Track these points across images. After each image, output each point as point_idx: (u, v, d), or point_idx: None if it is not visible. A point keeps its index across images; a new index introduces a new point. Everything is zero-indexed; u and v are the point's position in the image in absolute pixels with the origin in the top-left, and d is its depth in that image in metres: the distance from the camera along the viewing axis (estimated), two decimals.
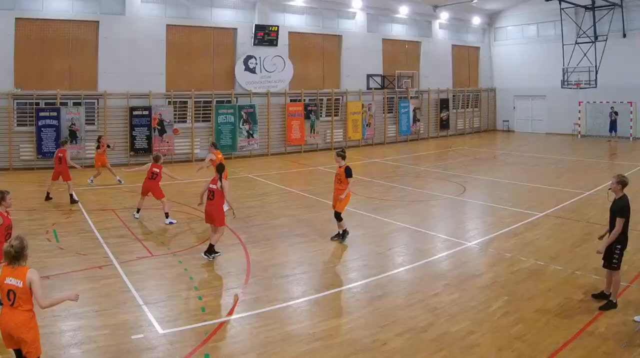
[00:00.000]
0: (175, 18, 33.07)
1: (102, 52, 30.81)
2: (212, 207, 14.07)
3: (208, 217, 14.22)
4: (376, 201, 21.25)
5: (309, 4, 37.99)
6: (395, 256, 14.60)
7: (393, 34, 43.09)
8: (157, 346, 9.25)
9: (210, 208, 14.08)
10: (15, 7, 28.50)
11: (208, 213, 14.17)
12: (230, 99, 34.95)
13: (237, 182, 25.85)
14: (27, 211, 18.47)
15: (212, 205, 14.05)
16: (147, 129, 31.67)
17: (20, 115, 29.14)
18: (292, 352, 9.10)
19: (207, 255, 13.95)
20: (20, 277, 7.32)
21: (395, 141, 42.78)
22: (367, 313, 10.65)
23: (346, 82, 40.02)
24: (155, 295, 11.52)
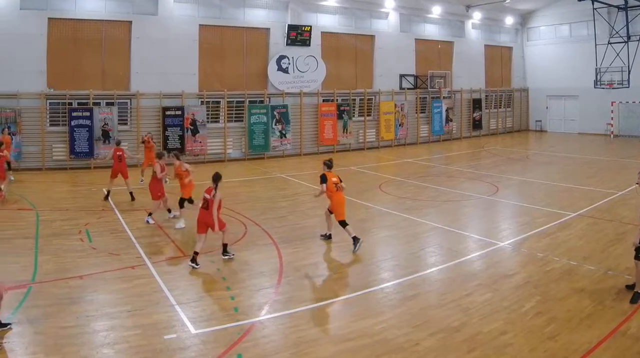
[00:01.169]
0: (208, 18, 31.59)
1: (134, 52, 29.45)
2: (206, 215, 13.26)
3: (202, 226, 13.31)
4: (409, 201, 20.37)
5: (342, 4, 36.25)
6: (427, 256, 14.01)
7: (426, 34, 41.14)
8: (189, 346, 8.97)
9: (205, 216, 13.28)
10: (48, 7, 27.23)
11: (202, 222, 13.31)
12: (263, 98, 33.41)
13: (269, 181, 25.26)
14: (60, 211, 17.62)
15: (207, 214, 13.25)
16: (179, 129, 30.25)
17: (53, 116, 27.90)
18: (324, 352, 8.78)
19: (225, 254, 13.73)
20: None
21: (427, 141, 40.92)
22: (400, 313, 10.26)
23: (379, 82, 38.20)
24: (187, 295, 11.17)
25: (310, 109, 35.14)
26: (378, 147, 37.82)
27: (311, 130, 35.21)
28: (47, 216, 17.52)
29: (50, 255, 13.38)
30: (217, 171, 13.75)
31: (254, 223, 17.01)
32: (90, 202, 20.01)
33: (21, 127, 26.71)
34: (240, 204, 19.72)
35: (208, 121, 31.30)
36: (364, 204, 19.82)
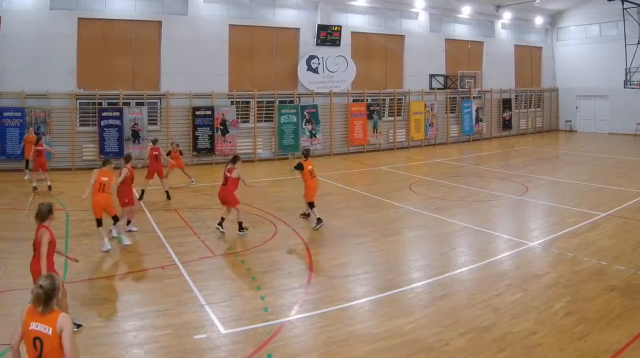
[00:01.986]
0: (238, 18, 30.25)
1: (164, 52, 28.24)
2: (224, 192, 15.03)
3: (222, 201, 15.23)
4: (438, 201, 19.64)
5: (372, 4, 34.65)
6: (457, 256, 13.55)
7: (456, 34, 39.29)
8: (219, 346, 8.72)
9: (223, 194, 15.08)
10: (78, 7, 26.13)
11: (221, 199, 15.23)
12: (293, 98, 31.99)
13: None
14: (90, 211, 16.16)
15: (225, 190, 14.99)
16: (209, 129, 28.98)
17: (83, 115, 26.81)
18: (354, 352, 8.51)
19: (241, 231, 15.06)
20: (50, 324, 5.57)
21: (457, 141, 39.11)
22: (430, 313, 9.94)
23: (409, 82, 36.51)
24: (217, 295, 10.83)
25: (340, 109, 33.64)
26: (408, 147, 36.21)
27: (341, 130, 33.71)
28: (76, 216, 16.85)
29: (80, 255, 12.56)
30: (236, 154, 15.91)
31: (284, 223, 16.42)
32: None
33: (51, 127, 25.65)
34: (270, 204, 19.07)
35: (238, 121, 30.00)
36: (394, 204, 19.02)
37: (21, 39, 24.90)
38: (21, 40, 24.91)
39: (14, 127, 24.92)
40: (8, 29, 24.82)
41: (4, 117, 24.79)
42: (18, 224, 15.80)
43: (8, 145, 24.88)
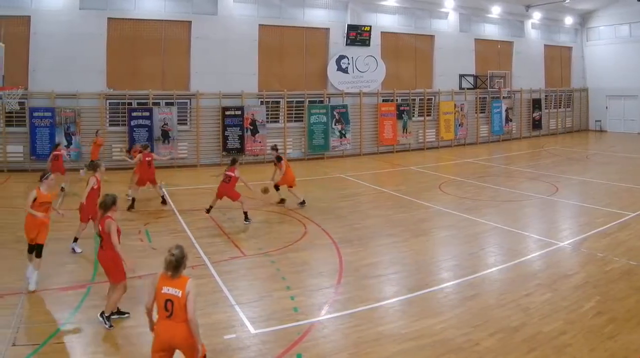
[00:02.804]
0: (268, 18, 28.77)
1: (194, 52, 26.88)
2: (226, 188, 15.64)
3: (222, 195, 15.71)
4: (468, 201, 18.88)
5: (402, 4, 32.90)
6: (487, 256, 13.06)
7: (485, 33, 37.27)
8: (249, 346, 8.42)
9: (224, 189, 15.65)
10: (108, 7, 24.91)
11: (222, 192, 15.69)
12: (323, 98, 30.39)
13: (329, 182, 23.27)
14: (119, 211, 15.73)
15: (228, 187, 15.63)
16: (239, 129, 27.55)
17: (113, 115, 25.58)
18: (384, 352, 8.20)
19: (246, 221, 15.59)
20: (180, 287, 6.39)
21: (487, 141, 37.09)
22: (460, 313, 9.58)
23: (438, 82, 34.65)
24: (247, 295, 10.45)
25: (369, 109, 31.96)
26: (438, 147, 34.40)
27: (371, 130, 32.04)
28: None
29: None
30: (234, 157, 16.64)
31: (314, 223, 15.74)
32: (149, 202, 18.39)
33: (80, 127, 24.42)
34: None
35: (268, 121, 28.55)
36: (423, 204, 18.31)
37: (51, 39, 23.76)
38: (51, 40, 23.76)
39: (44, 127, 23.76)
40: (38, 29, 23.72)
41: (34, 117, 23.64)
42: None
43: (38, 145, 23.72)
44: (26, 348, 8.01)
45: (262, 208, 17.74)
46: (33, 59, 23.73)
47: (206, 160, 26.61)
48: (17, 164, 23.79)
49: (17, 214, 14.98)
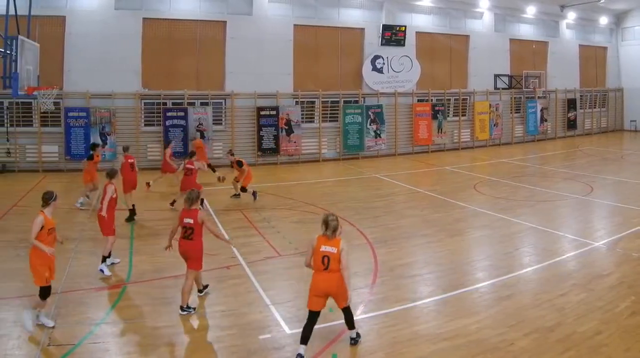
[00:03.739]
0: (303, 18, 26.80)
1: (229, 52, 25.06)
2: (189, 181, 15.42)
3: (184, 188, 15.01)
4: (503, 201, 17.71)
5: (437, 4, 30.56)
6: (522, 256, 12.30)
7: (520, 33, 34.59)
8: (284, 346, 7.87)
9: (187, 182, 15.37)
10: (143, 7, 23.26)
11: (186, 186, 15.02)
12: (358, 98, 28.30)
13: (364, 181, 21.82)
14: (155, 211, 15.52)
15: (189, 180, 15.47)
16: (274, 129, 25.67)
17: (148, 115, 23.89)
18: (419, 352, 7.65)
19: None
20: (336, 245, 7.39)
21: (522, 141, 34.45)
22: (495, 313, 8.98)
23: (473, 82, 32.18)
24: (282, 295, 9.90)
25: (404, 109, 29.72)
26: (473, 147, 31.97)
27: (406, 130, 29.79)
28: (141, 216, 15.28)
29: (145, 255, 11.88)
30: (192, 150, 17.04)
31: (349, 223, 14.56)
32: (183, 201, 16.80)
33: (116, 127, 22.81)
34: (335, 204, 17.01)
35: (303, 121, 26.60)
36: (458, 204, 17.20)
37: (86, 39, 22.18)
38: (86, 40, 22.19)
39: (79, 127, 22.20)
40: (73, 29, 22.18)
41: (69, 117, 22.09)
42: (82, 224, 14.36)
43: (73, 145, 22.17)
44: (61, 348, 7.53)
45: (298, 208, 16.55)
46: (68, 59, 22.21)
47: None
48: (52, 164, 22.26)
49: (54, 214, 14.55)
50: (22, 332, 7.96)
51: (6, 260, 11.26)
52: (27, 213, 14.84)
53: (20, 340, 7.75)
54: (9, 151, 21.68)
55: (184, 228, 9.10)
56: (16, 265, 10.61)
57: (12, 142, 21.77)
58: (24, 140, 22.00)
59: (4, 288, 9.71)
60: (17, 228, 13.41)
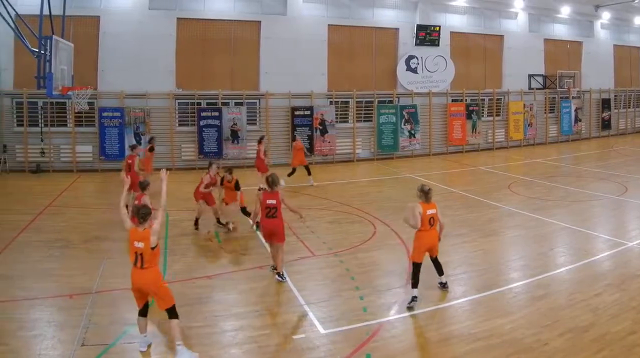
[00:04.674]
0: (337, 18, 24.53)
1: (263, 52, 22.99)
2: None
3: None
4: (537, 201, 16.29)
5: (471, 4, 27.91)
6: (556, 256, 11.27)
7: (555, 33, 31.59)
8: (318, 346, 7.20)
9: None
10: (177, 7, 21.37)
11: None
12: (392, 98, 25.91)
13: (398, 181, 20.09)
14: (189, 211, 13.93)
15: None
16: (308, 128, 23.56)
17: (182, 116, 22.00)
18: (453, 352, 7.02)
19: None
20: (435, 208, 8.75)
21: (556, 141, 31.48)
22: (529, 313, 8.19)
23: (507, 82, 29.41)
24: (316, 295, 9.02)
25: (439, 109, 27.18)
26: (507, 147, 29.24)
27: (440, 130, 27.28)
28: (176, 216, 13.99)
29: (179, 255, 11.04)
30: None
31: (383, 223, 13.58)
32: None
33: (150, 127, 20.99)
34: (369, 204, 15.76)
35: (337, 121, 24.40)
36: (492, 204, 15.85)
37: (120, 38, 20.40)
38: (120, 40, 20.41)
39: (113, 127, 20.45)
40: (107, 29, 20.41)
41: (104, 117, 20.35)
42: (117, 224, 12.45)
43: (107, 145, 20.43)
44: (96, 348, 6.99)
45: (332, 208, 15.23)
46: (102, 59, 20.46)
47: (275, 160, 22.76)
48: (86, 163, 20.53)
49: (87, 214, 14.04)
50: (56, 331, 7.38)
51: (40, 260, 10.40)
52: (61, 213, 14.08)
53: (55, 340, 7.16)
54: (43, 151, 20.05)
55: (268, 209, 9.34)
56: (50, 265, 10.01)
57: (47, 142, 20.14)
58: (58, 140, 20.32)
59: (38, 289, 8.97)
60: (51, 228, 12.58)
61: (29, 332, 7.38)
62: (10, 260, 10.32)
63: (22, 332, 7.38)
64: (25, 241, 11.54)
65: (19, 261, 10.26)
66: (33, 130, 20.06)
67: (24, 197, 16.35)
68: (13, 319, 7.76)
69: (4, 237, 11.60)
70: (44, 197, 15.97)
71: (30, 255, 10.64)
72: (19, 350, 6.92)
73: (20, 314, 7.94)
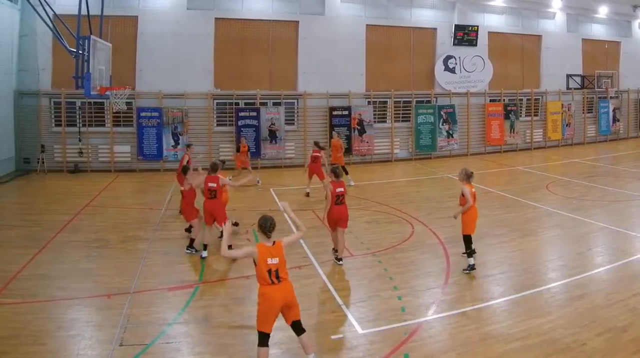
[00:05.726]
0: (375, 18, 21.85)
1: (301, 52, 20.54)
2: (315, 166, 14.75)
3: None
4: (575, 201, 14.55)
5: (509, 4, 24.84)
6: (594, 256, 9.84)
7: (593, 33, 28.15)
8: (356, 346, 6.46)
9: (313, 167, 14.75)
10: (215, 7, 19.11)
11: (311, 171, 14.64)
12: (430, 98, 23.13)
13: (436, 181, 18.21)
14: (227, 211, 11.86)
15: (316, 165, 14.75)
16: (346, 129, 21.01)
17: (220, 115, 19.69)
18: (491, 352, 6.25)
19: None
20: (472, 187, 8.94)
21: (594, 141, 28.07)
22: (567, 313, 7.23)
23: (546, 82, 26.23)
24: (354, 295, 8.08)
25: (477, 109, 24.21)
26: (545, 147, 26.08)
27: (478, 130, 24.29)
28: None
29: (218, 255, 9.47)
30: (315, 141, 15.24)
31: (421, 223, 12.23)
32: (257, 202, 14.35)
33: (188, 127, 18.81)
34: (407, 204, 14.17)
35: (375, 121, 21.79)
36: (531, 204, 14.16)
37: (158, 39, 18.29)
38: (158, 40, 18.29)
39: (151, 127, 18.34)
40: (145, 29, 18.30)
41: (142, 117, 18.24)
42: (154, 224, 11.96)
43: (145, 145, 18.35)
44: (134, 348, 6.19)
45: (371, 208, 13.59)
46: (140, 59, 18.36)
47: None
48: (124, 163, 18.46)
49: (125, 214, 12.82)
50: (94, 331, 6.68)
51: (78, 260, 9.44)
52: (99, 213, 12.87)
53: (93, 340, 6.48)
54: (81, 151, 18.07)
55: (337, 197, 9.06)
56: (88, 265, 9.16)
57: (84, 142, 18.15)
58: (96, 140, 18.29)
59: (76, 289, 8.11)
60: (90, 228, 11.42)
61: (67, 332, 6.67)
62: (48, 260, 9.31)
63: (61, 332, 6.67)
64: (63, 241, 10.44)
65: (57, 261, 9.28)
66: (71, 130, 18.09)
67: (62, 197, 14.81)
68: (51, 319, 7.01)
69: (42, 236, 10.57)
70: (82, 197, 14.49)
71: (69, 255, 9.61)
72: (57, 350, 6.26)
73: (58, 314, 7.17)
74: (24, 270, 8.76)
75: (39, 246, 9.98)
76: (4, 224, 11.58)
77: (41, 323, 6.89)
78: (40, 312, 7.24)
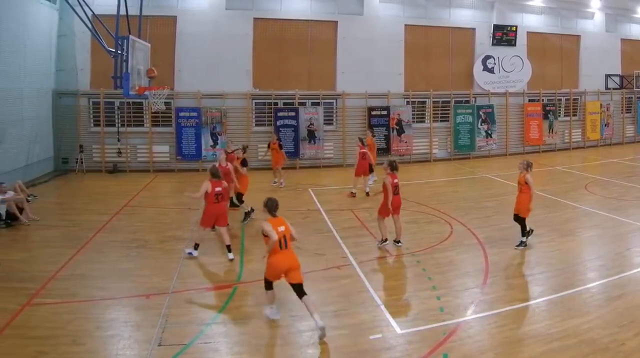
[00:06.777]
0: (414, 18, 19.28)
1: (340, 52, 18.17)
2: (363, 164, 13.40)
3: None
4: (614, 201, 12.64)
5: (548, 3, 21.84)
6: (633, 256, 8.55)
7: (632, 33, 24.77)
8: (395, 346, 5.74)
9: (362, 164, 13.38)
10: (254, 7, 16.92)
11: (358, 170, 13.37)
12: (469, 98, 20.39)
13: (474, 182, 16.16)
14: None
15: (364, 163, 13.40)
16: (385, 129, 18.57)
17: (259, 115, 17.49)
18: (530, 352, 5.50)
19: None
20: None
21: (633, 141, 24.67)
22: (605, 313, 6.38)
23: (584, 82, 23.12)
24: (393, 295, 7.13)
25: (515, 109, 21.29)
26: (584, 147, 22.99)
27: (517, 130, 21.37)
28: (253, 215, 11.05)
29: (256, 255, 8.22)
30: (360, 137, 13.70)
31: (460, 223, 10.56)
32: (296, 202, 12.82)
33: (226, 127, 16.68)
34: (445, 204, 12.54)
35: (414, 121, 19.24)
36: (569, 204, 12.47)
37: (197, 39, 16.22)
38: (197, 40, 16.23)
39: (189, 127, 16.30)
40: (184, 29, 16.27)
41: (180, 117, 16.22)
42: (191, 224, 10.52)
43: (184, 145, 16.32)
44: (172, 348, 5.53)
45: (409, 208, 11.79)
46: (179, 59, 16.33)
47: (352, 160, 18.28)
48: (162, 163, 16.44)
49: (164, 214, 11.56)
50: (133, 331, 5.84)
51: (117, 260, 8.48)
52: (138, 213, 11.68)
53: (132, 340, 5.68)
54: (120, 151, 16.16)
55: (395, 188, 8.59)
56: (127, 265, 8.21)
57: (123, 142, 16.22)
58: (135, 140, 16.33)
59: (115, 289, 7.21)
60: (128, 228, 10.32)
61: (106, 332, 5.98)
62: (87, 260, 8.43)
63: (99, 332, 5.98)
64: (102, 241, 9.50)
65: (96, 261, 8.41)
66: (110, 130, 16.19)
67: (100, 197, 13.11)
68: (90, 319, 6.34)
69: (81, 236, 9.61)
70: (121, 197, 13.01)
71: (108, 255, 8.70)
72: (96, 350, 5.59)
73: (97, 314, 6.48)
74: (62, 270, 7.86)
75: (78, 246, 9.01)
76: (43, 224, 10.52)
77: (80, 323, 6.25)
78: (79, 312, 6.57)
